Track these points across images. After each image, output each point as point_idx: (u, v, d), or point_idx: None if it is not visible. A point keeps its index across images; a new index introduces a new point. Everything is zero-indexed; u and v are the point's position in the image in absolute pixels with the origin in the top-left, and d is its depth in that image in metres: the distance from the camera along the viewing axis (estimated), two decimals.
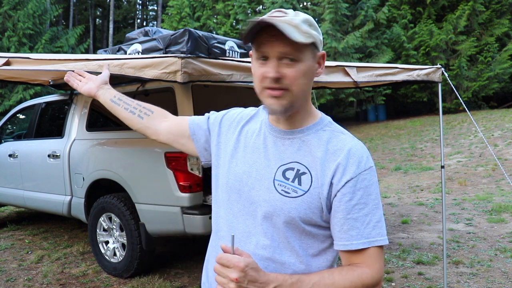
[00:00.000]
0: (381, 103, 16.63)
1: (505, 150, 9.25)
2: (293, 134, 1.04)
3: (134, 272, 3.55)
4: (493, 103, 16.99)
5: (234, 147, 1.11)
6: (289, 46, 0.93)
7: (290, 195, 0.97)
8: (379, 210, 0.98)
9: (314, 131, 1.04)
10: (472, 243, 4.30)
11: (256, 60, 0.99)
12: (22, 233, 5.22)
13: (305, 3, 18.02)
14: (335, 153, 0.99)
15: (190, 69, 2.32)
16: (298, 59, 0.95)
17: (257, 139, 1.08)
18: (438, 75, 3.43)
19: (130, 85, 3.69)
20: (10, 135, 5.41)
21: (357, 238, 0.95)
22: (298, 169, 0.99)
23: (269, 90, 0.97)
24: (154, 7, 35.92)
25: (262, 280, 0.86)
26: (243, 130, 1.13)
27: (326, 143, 1.01)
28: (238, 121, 1.16)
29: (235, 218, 1.05)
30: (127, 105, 1.32)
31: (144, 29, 4.08)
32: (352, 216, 0.95)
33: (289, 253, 1.00)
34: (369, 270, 0.95)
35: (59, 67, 2.62)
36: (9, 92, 16.43)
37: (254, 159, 1.05)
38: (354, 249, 0.95)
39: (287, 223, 0.98)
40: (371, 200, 0.97)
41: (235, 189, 1.06)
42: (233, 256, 0.85)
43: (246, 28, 0.94)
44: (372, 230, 0.95)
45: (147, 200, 3.33)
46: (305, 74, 0.97)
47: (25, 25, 16.88)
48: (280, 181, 0.99)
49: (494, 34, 15.82)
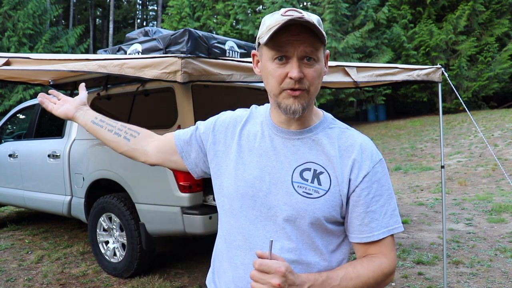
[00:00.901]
0: (381, 103, 16.62)
1: (505, 150, 9.25)
2: (302, 134, 1.03)
3: (134, 272, 3.55)
4: (493, 103, 17.00)
5: (237, 152, 1.07)
6: (311, 46, 0.93)
7: (313, 196, 0.98)
8: (393, 199, 1.01)
9: (322, 129, 1.04)
10: (472, 243, 4.30)
11: (271, 60, 0.96)
12: (22, 233, 5.22)
13: (305, 3, 18.01)
14: (348, 150, 1.00)
15: (190, 69, 2.31)
16: (317, 59, 0.96)
17: (262, 142, 1.05)
18: (438, 75, 3.43)
19: (130, 85, 3.69)
20: (10, 135, 5.41)
21: (377, 229, 0.98)
22: (315, 169, 0.99)
23: (289, 90, 0.95)
24: (154, 7, 35.93)
25: (298, 282, 0.87)
26: (242, 134, 1.09)
27: (337, 140, 1.02)
28: (233, 125, 1.12)
29: (252, 225, 1.02)
30: (111, 126, 1.24)
31: (144, 29, 4.07)
32: (371, 209, 0.98)
33: (314, 253, 1.00)
34: (386, 259, 0.99)
35: (59, 67, 2.62)
36: (9, 92, 16.43)
37: (264, 163, 1.03)
38: (376, 239, 0.98)
39: (312, 223, 0.98)
40: (385, 191, 1.00)
41: (248, 196, 1.02)
42: (272, 261, 0.84)
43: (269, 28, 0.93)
44: (390, 219, 0.99)
45: (147, 200, 3.33)
46: (320, 74, 0.99)
47: (25, 25, 16.88)
48: (299, 182, 0.99)
49: (494, 34, 15.81)
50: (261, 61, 1.02)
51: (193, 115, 3.20)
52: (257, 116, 1.12)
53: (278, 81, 0.96)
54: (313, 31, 0.92)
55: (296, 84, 0.94)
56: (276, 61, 0.95)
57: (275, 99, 0.99)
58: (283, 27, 0.91)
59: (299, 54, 0.93)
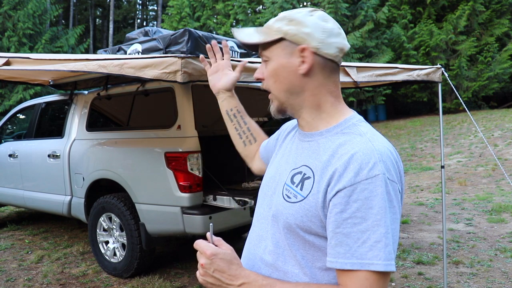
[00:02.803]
0: (381, 103, 16.62)
1: (505, 150, 9.25)
2: (312, 136, 0.97)
3: (134, 272, 3.55)
4: (493, 103, 17.00)
5: (275, 154, 1.13)
6: (260, 47, 0.98)
7: (290, 200, 0.92)
8: (381, 228, 0.80)
9: (333, 134, 0.94)
10: (472, 243, 4.30)
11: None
12: (22, 233, 5.22)
13: (305, 3, 18.01)
14: (339, 158, 0.87)
15: (190, 69, 2.31)
16: (268, 58, 0.98)
17: (287, 144, 1.09)
18: (438, 75, 3.43)
19: (130, 85, 3.69)
20: (10, 135, 5.41)
21: (345, 256, 0.81)
22: (304, 173, 0.93)
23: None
24: (154, 7, 35.93)
25: (232, 272, 0.88)
26: (286, 138, 1.14)
27: (337, 147, 0.89)
28: (285, 131, 1.18)
29: (258, 222, 1.05)
30: (238, 125, 1.34)
31: (144, 29, 4.07)
32: (342, 231, 0.82)
33: (293, 263, 0.93)
34: None
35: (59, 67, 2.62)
36: (9, 92, 16.43)
37: (280, 164, 1.05)
38: (339, 268, 0.82)
39: (286, 229, 0.92)
40: (372, 215, 0.80)
41: (263, 193, 1.07)
42: (205, 243, 0.91)
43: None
44: (368, 250, 0.80)
45: (147, 200, 3.33)
46: (275, 73, 0.96)
47: (25, 25, 16.88)
48: (288, 185, 0.96)
49: (494, 34, 15.81)
50: None
51: (193, 115, 3.21)
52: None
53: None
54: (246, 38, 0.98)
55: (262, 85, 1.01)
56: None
57: None
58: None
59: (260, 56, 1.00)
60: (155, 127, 3.42)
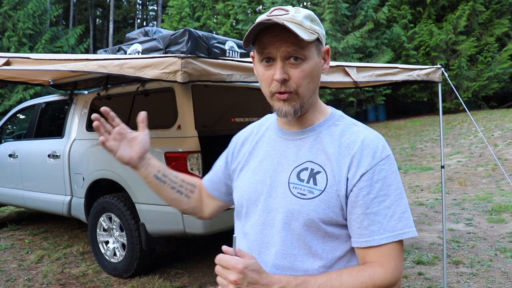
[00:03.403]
0: (381, 103, 16.62)
1: (505, 150, 9.25)
2: (304, 133, 1.00)
3: (134, 272, 3.55)
4: (493, 103, 17.00)
5: (247, 161, 1.09)
6: (294, 45, 0.89)
7: (307, 196, 0.93)
8: (403, 200, 0.92)
9: (326, 127, 0.99)
10: (472, 243, 4.30)
11: (259, 63, 0.95)
12: (22, 233, 5.22)
13: (305, 3, 18.01)
14: (349, 147, 0.94)
15: (190, 69, 2.32)
16: (304, 58, 0.92)
17: (267, 147, 1.06)
18: (438, 75, 3.43)
19: (130, 85, 3.69)
20: (10, 135, 5.41)
21: (379, 233, 0.89)
22: (312, 168, 0.94)
23: (278, 94, 0.93)
24: (154, 7, 35.94)
25: (264, 281, 0.83)
26: (252, 143, 1.11)
27: (339, 138, 0.96)
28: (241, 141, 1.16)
29: (252, 230, 1.01)
30: (173, 182, 1.17)
31: (144, 29, 4.08)
32: (372, 211, 0.90)
33: (312, 259, 0.94)
34: (382, 270, 0.91)
35: (59, 67, 2.62)
36: (9, 92, 16.43)
37: (266, 167, 1.02)
38: (375, 244, 0.89)
39: (307, 226, 0.93)
40: (392, 191, 0.91)
41: (252, 200, 1.02)
42: (232, 257, 0.83)
43: (248, 30, 0.91)
44: (397, 222, 0.90)
45: (147, 200, 3.33)
46: (311, 73, 0.94)
47: (25, 25, 16.88)
48: (294, 183, 0.95)
49: (494, 34, 15.81)
50: (254, 63, 1.01)
51: (193, 115, 3.20)
52: (264, 123, 1.14)
53: (267, 85, 0.95)
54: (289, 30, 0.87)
55: (282, 87, 0.92)
56: (264, 63, 0.94)
57: (270, 102, 0.99)
58: (263, 29, 0.90)
59: (282, 55, 0.91)
60: (155, 127, 3.42)
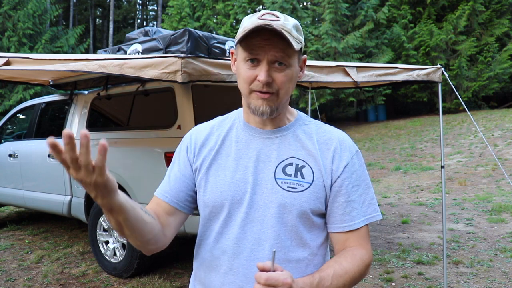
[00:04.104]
0: (381, 103, 16.62)
1: (505, 150, 9.25)
2: (280, 132, 1.05)
3: (134, 272, 3.55)
4: (493, 103, 16.99)
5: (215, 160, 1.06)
6: (282, 52, 0.94)
7: (297, 189, 0.99)
8: (370, 189, 1.06)
9: (298, 126, 1.07)
10: (472, 243, 4.30)
11: (243, 61, 0.98)
12: (22, 233, 5.22)
13: (305, 3, 18.02)
14: (327, 143, 1.04)
15: (190, 69, 2.32)
16: (288, 65, 0.97)
17: (239, 145, 1.06)
18: (438, 75, 3.43)
19: (130, 85, 3.69)
20: (10, 135, 5.41)
21: (357, 217, 1.02)
22: (296, 163, 1.01)
23: (258, 92, 0.97)
24: (154, 7, 35.93)
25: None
26: (224, 143, 1.08)
27: (315, 135, 1.06)
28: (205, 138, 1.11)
29: (240, 229, 1.00)
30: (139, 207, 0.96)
31: (144, 29, 4.08)
32: (351, 198, 1.02)
33: (302, 249, 1.01)
34: (365, 251, 1.02)
35: (59, 67, 2.62)
36: (9, 92, 16.43)
37: (245, 165, 1.03)
38: (356, 228, 1.01)
39: (300, 217, 0.99)
40: (362, 181, 1.05)
41: (236, 199, 1.01)
42: (278, 273, 0.82)
43: (244, 30, 0.94)
44: (368, 207, 1.03)
45: (147, 200, 3.31)
46: (292, 79, 1.00)
47: (25, 25, 16.88)
48: (282, 178, 1.00)
49: (494, 34, 15.81)
50: (237, 60, 1.03)
51: (193, 115, 3.20)
52: (223, 123, 1.13)
53: (248, 82, 0.98)
54: (285, 38, 0.93)
55: (264, 88, 0.96)
56: (248, 62, 0.97)
57: (246, 99, 1.01)
58: (254, 31, 0.93)
59: (269, 58, 0.95)
60: (155, 127, 3.42)
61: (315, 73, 3.04)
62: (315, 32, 15.38)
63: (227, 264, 1.00)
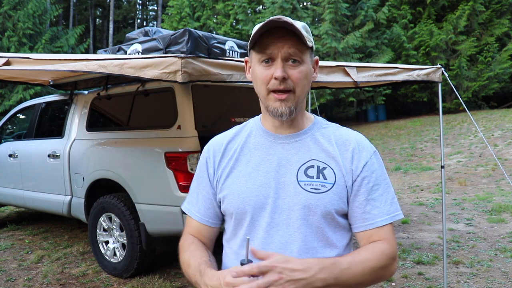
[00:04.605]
0: (381, 103, 16.61)
1: (505, 150, 9.25)
2: (299, 136, 1.08)
3: (134, 272, 3.55)
4: (493, 103, 16.98)
5: (236, 168, 1.09)
6: (294, 48, 0.98)
7: (321, 190, 1.01)
8: (390, 188, 1.08)
9: (316, 130, 1.10)
10: (472, 243, 4.30)
11: (258, 63, 1.01)
12: (22, 233, 5.22)
13: (305, 3, 18.01)
14: (345, 144, 1.07)
15: (190, 69, 2.32)
16: (301, 61, 1.00)
17: (259, 152, 1.08)
18: (438, 75, 3.43)
19: (130, 85, 3.69)
20: (10, 135, 5.41)
21: (379, 216, 1.03)
22: (318, 165, 1.03)
23: (275, 94, 1.00)
24: (154, 7, 35.92)
25: (301, 267, 0.88)
26: (235, 150, 1.11)
27: (333, 137, 1.08)
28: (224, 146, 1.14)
29: (266, 233, 1.02)
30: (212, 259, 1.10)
31: (144, 29, 4.08)
32: (371, 197, 1.04)
33: (329, 249, 1.03)
34: (388, 245, 1.03)
35: (59, 67, 2.62)
36: (9, 92, 16.43)
37: (266, 171, 1.05)
38: (379, 226, 1.03)
39: (324, 218, 1.01)
40: (382, 180, 1.07)
41: (258, 205, 1.03)
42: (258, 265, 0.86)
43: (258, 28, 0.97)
44: (390, 206, 1.05)
45: (147, 200, 3.33)
46: (307, 76, 1.02)
47: (25, 25, 16.88)
48: (305, 181, 1.02)
49: (494, 34, 15.79)
50: (251, 66, 1.06)
51: (193, 115, 3.20)
52: (241, 131, 1.15)
53: (265, 83, 1.00)
54: (296, 34, 0.96)
55: (281, 85, 0.98)
56: (263, 63, 1.00)
57: (264, 102, 1.04)
58: (267, 31, 0.97)
59: (283, 55, 0.98)
60: (155, 127, 3.42)
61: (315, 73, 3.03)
62: (315, 32, 15.36)
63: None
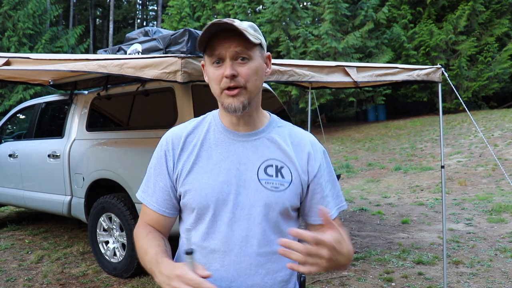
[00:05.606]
0: (381, 103, 16.61)
1: (505, 150, 9.25)
2: (257, 135, 1.13)
3: (134, 272, 3.55)
4: (493, 103, 16.98)
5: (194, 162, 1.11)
6: (241, 46, 1.02)
7: (279, 189, 1.08)
8: (337, 182, 1.21)
9: (272, 128, 1.15)
10: (472, 243, 4.30)
11: (210, 65, 1.06)
12: (22, 233, 5.22)
13: (305, 3, 18.01)
14: (300, 144, 1.15)
15: (190, 69, 2.32)
16: (250, 58, 1.05)
17: (219, 148, 1.11)
18: (438, 75, 3.43)
19: (130, 85, 3.69)
20: (10, 135, 5.41)
21: (332, 209, 1.15)
22: (276, 164, 1.10)
23: (227, 91, 1.04)
24: (154, 7, 35.93)
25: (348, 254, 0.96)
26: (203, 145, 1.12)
27: (288, 138, 1.15)
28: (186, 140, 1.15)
29: (228, 228, 1.07)
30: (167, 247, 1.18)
31: (144, 29, 4.07)
32: (326, 194, 1.15)
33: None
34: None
35: (59, 67, 2.62)
36: (9, 92, 16.44)
37: (227, 167, 1.09)
38: (335, 216, 1.16)
39: (281, 214, 1.09)
40: (331, 177, 1.19)
41: (221, 200, 1.07)
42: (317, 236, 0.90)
43: (202, 33, 1.02)
44: (337, 199, 1.18)
45: None
46: (257, 71, 1.06)
47: (25, 25, 16.89)
48: (265, 179, 1.08)
49: (494, 34, 15.79)
50: (206, 69, 1.12)
51: (193, 115, 3.20)
52: (202, 125, 1.18)
53: (217, 82, 1.05)
54: (240, 33, 1.00)
55: (231, 82, 1.03)
56: (214, 64, 1.05)
57: (219, 100, 1.08)
58: (214, 34, 1.02)
59: (231, 54, 1.03)
60: (155, 127, 3.42)
61: (315, 73, 3.04)
62: (315, 32, 15.37)
63: (218, 261, 1.07)
